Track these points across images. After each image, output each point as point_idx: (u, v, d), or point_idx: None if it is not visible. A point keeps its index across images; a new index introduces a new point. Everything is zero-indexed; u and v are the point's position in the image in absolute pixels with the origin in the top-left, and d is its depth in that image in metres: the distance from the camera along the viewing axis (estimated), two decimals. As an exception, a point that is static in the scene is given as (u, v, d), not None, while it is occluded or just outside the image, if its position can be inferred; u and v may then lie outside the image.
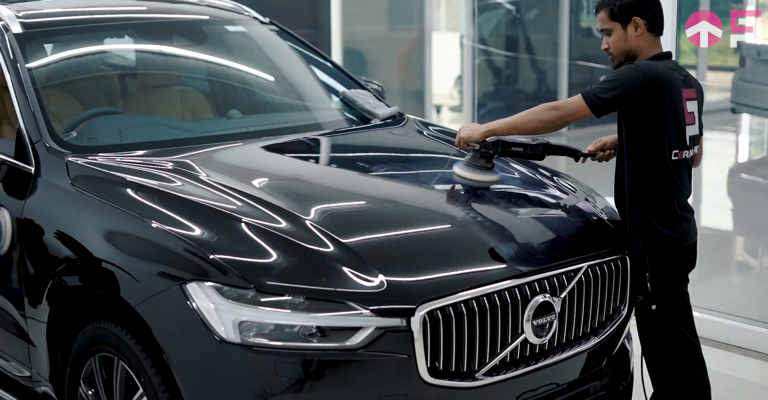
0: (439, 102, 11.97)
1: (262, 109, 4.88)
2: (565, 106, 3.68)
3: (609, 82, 3.64)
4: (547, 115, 3.69)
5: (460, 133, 3.89)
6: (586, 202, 4.01)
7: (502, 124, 3.78)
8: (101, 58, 4.72)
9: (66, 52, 4.57)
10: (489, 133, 3.83)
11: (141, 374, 3.29)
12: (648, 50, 3.76)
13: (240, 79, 4.99)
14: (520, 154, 3.90)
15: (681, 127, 3.70)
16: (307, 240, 3.31)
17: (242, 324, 3.12)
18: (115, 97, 4.62)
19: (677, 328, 3.79)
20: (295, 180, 3.97)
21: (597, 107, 3.63)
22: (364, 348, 3.11)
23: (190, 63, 4.97)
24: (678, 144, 3.70)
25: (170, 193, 3.58)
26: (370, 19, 10.43)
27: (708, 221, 6.96)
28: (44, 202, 3.80)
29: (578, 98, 3.65)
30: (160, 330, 3.22)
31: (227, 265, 3.17)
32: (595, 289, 3.61)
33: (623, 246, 3.74)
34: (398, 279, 3.21)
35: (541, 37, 10.52)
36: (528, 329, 3.37)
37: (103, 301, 3.47)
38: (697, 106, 3.79)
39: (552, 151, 3.94)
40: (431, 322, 3.16)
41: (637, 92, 3.59)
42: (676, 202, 3.72)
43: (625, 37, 3.75)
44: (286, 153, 4.28)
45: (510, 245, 3.52)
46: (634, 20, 3.73)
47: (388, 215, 3.67)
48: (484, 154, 3.85)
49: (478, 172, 3.87)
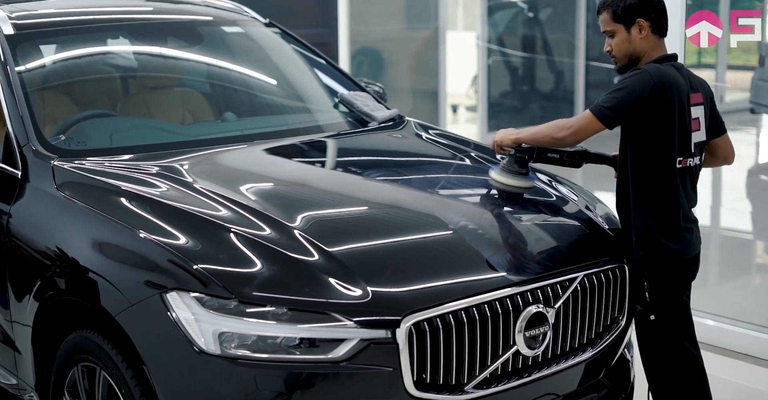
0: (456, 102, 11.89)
1: (258, 111, 4.79)
2: (576, 123, 3.58)
3: (616, 91, 3.52)
4: (559, 133, 3.61)
5: (495, 137, 3.84)
6: (586, 209, 3.90)
7: (527, 133, 3.73)
8: (95, 60, 4.64)
9: (59, 53, 4.50)
10: (517, 141, 3.75)
11: (122, 386, 3.21)
12: (652, 52, 3.63)
13: (236, 80, 4.91)
14: (556, 161, 3.81)
15: (686, 134, 3.58)
16: (292, 249, 3.22)
17: (223, 335, 3.03)
18: (109, 99, 4.54)
19: (677, 339, 3.68)
20: (284, 186, 3.88)
21: (608, 119, 3.52)
22: (347, 361, 3.02)
23: (187, 65, 4.89)
24: (682, 151, 3.59)
25: (154, 199, 3.50)
26: (386, 18, 10.35)
27: (727, 222, 6.83)
28: (30, 207, 3.73)
29: (587, 113, 3.55)
30: (140, 340, 3.14)
31: (209, 274, 3.08)
32: (592, 299, 3.50)
33: (622, 254, 3.63)
34: (384, 289, 3.12)
35: (556, 36, 10.40)
36: (520, 341, 3.27)
37: (84, 309, 3.40)
38: (703, 112, 3.67)
39: (590, 159, 3.86)
40: (418, 333, 3.07)
41: (647, 98, 3.47)
42: (681, 212, 3.61)
43: (629, 39, 3.62)
44: (278, 157, 4.19)
45: (502, 254, 3.42)
46: (638, 22, 3.60)
47: (378, 222, 3.57)
48: (519, 159, 3.78)
49: (513, 177, 3.78)
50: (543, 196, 3.95)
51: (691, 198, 3.67)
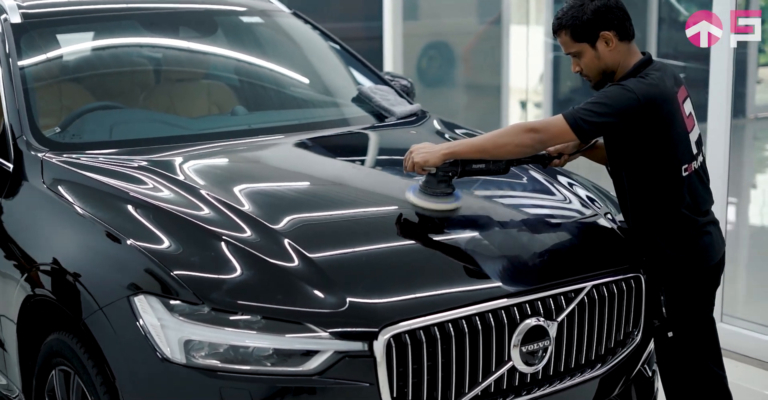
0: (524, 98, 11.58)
1: (268, 105, 4.58)
2: (547, 129, 3.19)
3: (597, 105, 3.15)
4: (526, 139, 3.20)
5: (413, 158, 3.30)
6: (602, 215, 3.60)
7: (467, 147, 3.28)
8: (108, 51, 4.50)
9: (68, 43, 4.37)
10: (450, 156, 3.28)
11: (91, 392, 3.05)
12: (626, 60, 3.28)
13: (249, 72, 4.71)
14: (482, 171, 3.39)
15: (685, 139, 3.26)
16: (271, 253, 3.01)
17: (190, 343, 2.85)
18: (120, 91, 4.39)
19: (699, 359, 3.37)
20: (274, 185, 3.65)
21: (583, 131, 3.16)
22: (319, 374, 2.81)
23: (206, 57, 4.72)
24: (685, 158, 3.26)
25: (134, 197, 3.32)
26: (458, 11, 10.09)
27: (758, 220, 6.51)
28: (19, 202, 3.61)
29: (560, 120, 3.17)
30: (107, 345, 2.97)
31: (178, 278, 2.90)
32: (602, 311, 3.23)
33: (638, 264, 3.34)
34: (362, 299, 2.90)
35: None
36: (516, 356, 3.02)
37: (58, 310, 3.24)
38: (691, 104, 3.34)
39: (516, 161, 3.45)
40: (398, 347, 2.84)
41: (634, 122, 3.14)
42: (694, 220, 3.29)
43: (598, 55, 3.26)
44: (274, 155, 3.98)
45: (498, 262, 3.16)
46: (602, 36, 3.24)
47: (367, 226, 3.33)
48: (443, 178, 3.33)
49: (438, 200, 3.33)
50: (552, 200, 3.67)
51: (704, 200, 3.34)
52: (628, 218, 3.39)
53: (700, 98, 5.03)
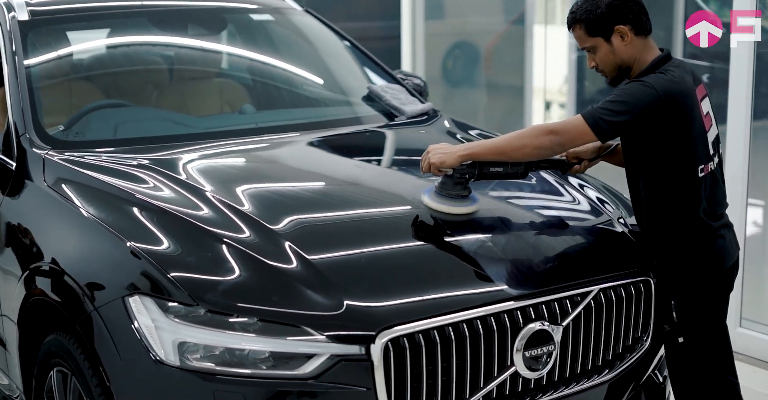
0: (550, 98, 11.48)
1: (279, 103, 4.52)
2: (566, 131, 3.10)
3: (617, 103, 3.06)
4: (545, 141, 3.11)
5: (429, 158, 3.24)
6: (612, 218, 3.51)
7: (485, 148, 3.20)
8: (115, 49, 4.47)
9: (76, 41, 4.33)
10: (467, 158, 3.20)
11: (87, 394, 3.01)
12: (643, 56, 3.19)
13: (260, 71, 4.66)
14: (500, 174, 3.31)
15: (703, 138, 3.17)
16: (269, 255, 2.96)
17: (184, 345, 2.79)
18: (128, 89, 4.35)
19: (711, 366, 3.27)
20: (276, 185, 3.59)
21: (603, 132, 3.07)
22: (315, 378, 2.75)
23: (216, 55, 4.68)
24: (702, 158, 3.16)
25: (133, 196, 3.27)
26: (483, 11, 10.00)
27: None
28: (21, 200, 3.58)
29: (580, 121, 3.08)
30: (102, 346, 2.93)
31: (174, 279, 2.85)
32: (609, 316, 3.14)
33: (647, 267, 3.25)
34: (360, 302, 2.83)
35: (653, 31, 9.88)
36: (519, 361, 2.95)
37: (55, 310, 3.20)
38: (709, 103, 3.25)
39: (536, 166, 3.38)
40: (396, 350, 2.77)
41: (653, 119, 3.05)
42: (708, 223, 3.20)
43: (613, 50, 3.18)
44: (278, 154, 3.91)
45: (502, 265, 3.08)
46: (617, 30, 3.16)
47: (369, 227, 3.26)
48: (459, 180, 3.25)
49: (453, 202, 3.25)
50: (561, 201, 3.59)
51: (719, 204, 3.25)
52: (642, 223, 3.30)
53: (725, 99, 4.93)
